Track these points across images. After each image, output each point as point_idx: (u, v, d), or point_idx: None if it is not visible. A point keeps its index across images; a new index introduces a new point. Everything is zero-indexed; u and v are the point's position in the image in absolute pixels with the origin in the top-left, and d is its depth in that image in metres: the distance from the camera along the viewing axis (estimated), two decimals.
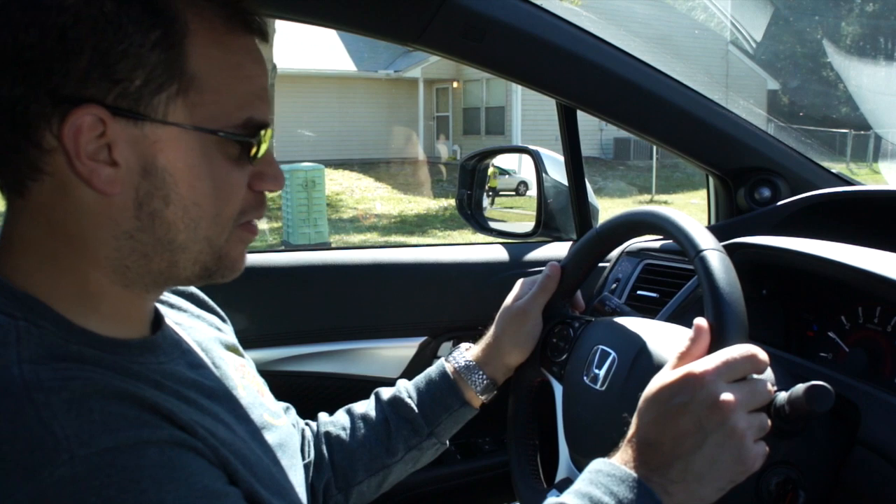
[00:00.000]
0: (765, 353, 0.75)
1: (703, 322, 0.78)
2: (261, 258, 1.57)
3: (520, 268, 1.65)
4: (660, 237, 1.51)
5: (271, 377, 1.01)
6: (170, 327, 0.80)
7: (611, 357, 0.95)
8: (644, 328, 0.96)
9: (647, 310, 1.31)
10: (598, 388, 0.95)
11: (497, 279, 1.63)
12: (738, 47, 19.50)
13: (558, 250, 1.73)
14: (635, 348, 0.93)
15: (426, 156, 19.48)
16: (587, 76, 1.35)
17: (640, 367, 0.90)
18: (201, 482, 0.61)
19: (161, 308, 0.82)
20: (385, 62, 19.55)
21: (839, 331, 1.10)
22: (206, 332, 0.89)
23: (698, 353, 0.76)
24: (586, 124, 1.89)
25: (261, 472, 0.72)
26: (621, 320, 1.01)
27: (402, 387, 1.11)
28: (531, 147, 1.80)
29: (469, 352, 1.11)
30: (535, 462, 1.10)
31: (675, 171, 16.16)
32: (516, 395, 1.12)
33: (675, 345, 0.79)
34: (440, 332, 1.63)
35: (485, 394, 1.09)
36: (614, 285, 1.53)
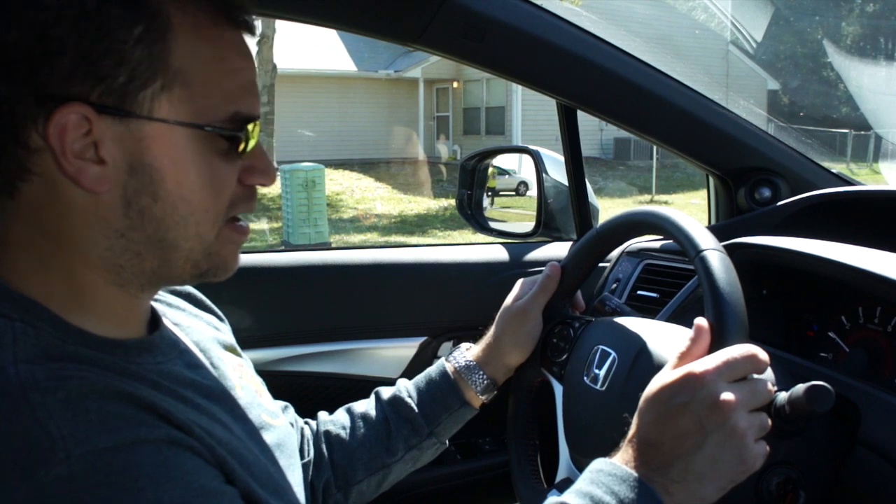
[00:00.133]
0: (765, 352, 0.75)
1: (703, 322, 0.78)
2: (261, 258, 1.57)
3: (520, 268, 1.65)
4: (660, 237, 1.51)
5: (272, 377, 1.01)
6: (167, 328, 0.79)
7: (611, 357, 0.95)
8: (644, 328, 0.96)
9: (647, 310, 1.31)
10: (598, 388, 0.95)
11: (497, 279, 1.63)
12: (739, 47, 19.50)
13: (558, 250, 1.73)
14: (635, 348, 0.93)
15: (426, 156, 19.47)
16: (587, 76, 1.35)
17: (641, 367, 0.90)
18: (198, 481, 0.61)
19: (159, 308, 0.82)
20: (385, 62, 19.55)
21: (839, 331, 1.10)
22: (204, 332, 0.89)
23: (698, 353, 0.76)
24: (586, 124, 1.89)
25: (258, 471, 0.72)
26: (621, 320, 1.01)
27: (402, 386, 1.11)
28: (531, 147, 1.80)
29: (469, 352, 1.11)
30: (535, 462, 1.10)
31: (676, 172, 16.16)
32: (516, 396, 1.12)
33: (676, 345, 0.80)
34: (440, 332, 1.62)
35: (485, 394, 1.09)
36: (614, 285, 1.53)
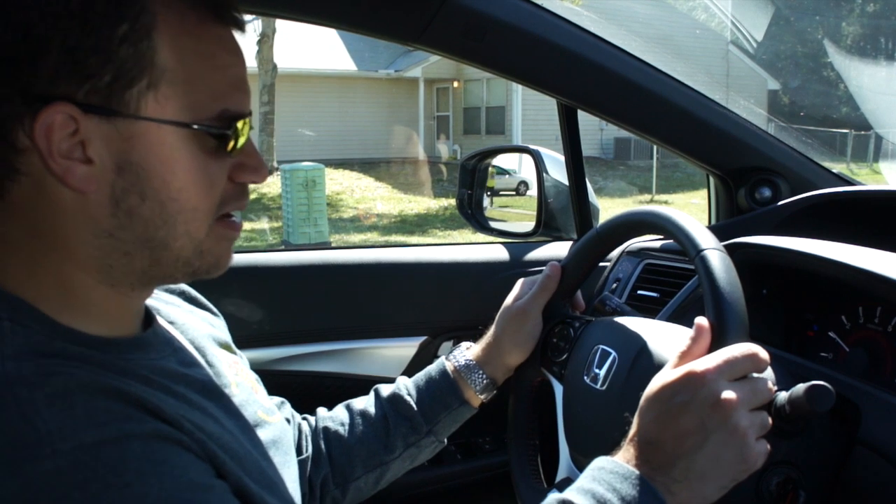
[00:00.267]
0: (765, 352, 0.75)
1: (703, 321, 0.78)
2: (261, 258, 1.57)
3: (520, 267, 1.65)
4: (660, 237, 1.51)
5: (271, 376, 1.01)
6: (161, 325, 0.79)
7: (611, 357, 0.95)
8: (644, 328, 0.96)
9: (647, 309, 1.31)
10: (598, 387, 0.95)
11: (497, 279, 1.63)
12: (739, 47, 19.49)
13: (558, 250, 1.73)
14: (636, 348, 0.93)
15: (426, 155, 19.46)
16: (588, 76, 1.35)
17: (641, 366, 0.90)
18: (187, 475, 0.61)
19: (154, 305, 0.82)
20: (385, 62, 19.54)
21: (840, 331, 1.10)
22: (200, 330, 0.88)
23: (699, 353, 0.76)
24: (587, 124, 1.89)
25: (250, 466, 0.72)
26: (622, 320, 1.01)
27: (401, 384, 1.11)
28: (532, 147, 1.80)
29: (469, 351, 1.11)
30: (535, 462, 1.10)
31: (676, 171, 16.16)
32: (517, 395, 1.12)
33: (676, 344, 0.80)
34: (440, 332, 1.62)
35: (484, 393, 1.09)
36: (615, 285, 1.53)
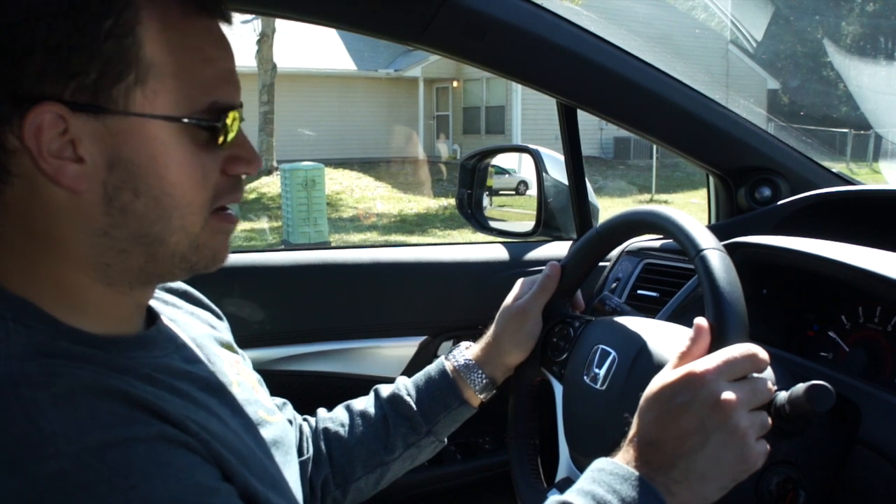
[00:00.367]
0: (765, 352, 0.75)
1: (703, 322, 0.78)
2: (261, 257, 1.57)
3: (520, 267, 1.65)
4: (660, 237, 1.51)
5: (271, 376, 1.01)
6: (165, 323, 0.79)
7: (611, 356, 0.95)
8: (644, 328, 0.96)
9: (647, 309, 1.31)
10: (598, 387, 0.95)
11: (497, 278, 1.63)
12: (739, 47, 19.49)
13: (558, 250, 1.73)
14: (635, 348, 0.93)
15: (426, 155, 19.46)
16: (588, 75, 1.35)
17: (641, 366, 0.90)
18: (192, 478, 0.61)
19: (155, 305, 0.81)
20: (385, 61, 19.54)
21: (839, 330, 1.10)
22: (201, 329, 0.88)
23: (699, 353, 0.76)
24: (586, 123, 1.89)
25: (254, 465, 0.72)
26: (621, 320, 1.01)
27: (401, 384, 1.11)
28: (531, 146, 1.80)
29: (469, 350, 1.11)
30: (535, 462, 1.10)
31: (676, 171, 16.16)
32: (516, 395, 1.12)
33: (676, 344, 0.80)
34: (440, 332, 1.62)
35: (483, 393, 1.09)
36: (614, 285, 1.52)
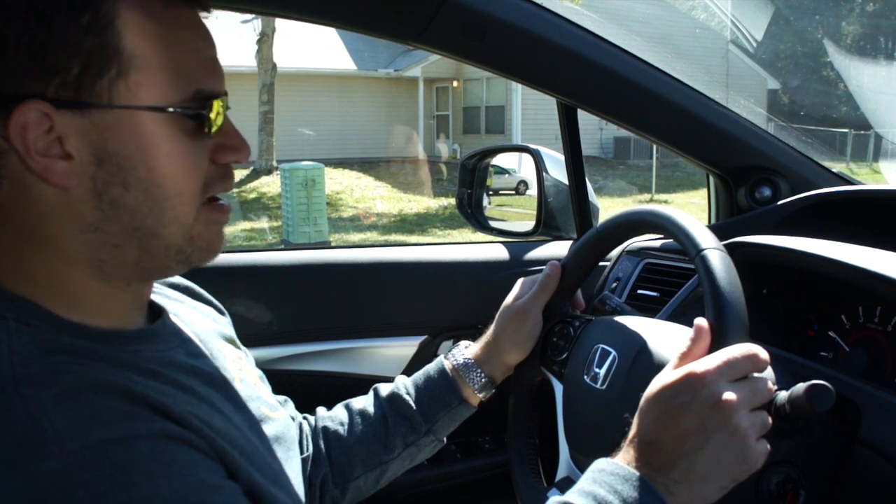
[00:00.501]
0: (765, 351, 0.75)
1: (703, 322, 0.78)
2: (261, 257, 1.58)
3: (520, 267, 1.65)
4: (660, 236, 1.51)
5: (271, 376, 1.01)
6: (170, 318, 0.79)
7: (611, 356, 0.95)
8: (644, 327, 0.96)
9: (647, 309, 1.31)
10: (598, 387, 0.95)
11: (497, 278, 1.63)
12: (739, 46, 19.49)
13: (558, 249, 1.73)
14: (636, 347, 0.93)
15: (426, 155, 19.46)
16: (588, 75, 1.35)
17: (641, 366, 0.90)
18: (195, 475, 0.61)
19: (160, 300, 0.82)
20: (385, 61, 19.53)
21: (840, 330, 1.10)
22: (204, 324, 0.88)
23: (699, 353, 0.76)
24: (586, 123, 1.89)
25: (258, 461, 0.72)
26: (622, 319, 1.01)
27: (400, 383, 1.11)
28: (531, 146, 1.80)
29: (468, 350, 1.11)
30: (535, 461, 1.10)
31: (676, 171, 16.16)
32: (517, 395, 1.12)
33: (676, 344, 0.80)
34: (440, 332, 1.62)
35: (483, 392, 1.09)
36: (614, 284, 1.52)
